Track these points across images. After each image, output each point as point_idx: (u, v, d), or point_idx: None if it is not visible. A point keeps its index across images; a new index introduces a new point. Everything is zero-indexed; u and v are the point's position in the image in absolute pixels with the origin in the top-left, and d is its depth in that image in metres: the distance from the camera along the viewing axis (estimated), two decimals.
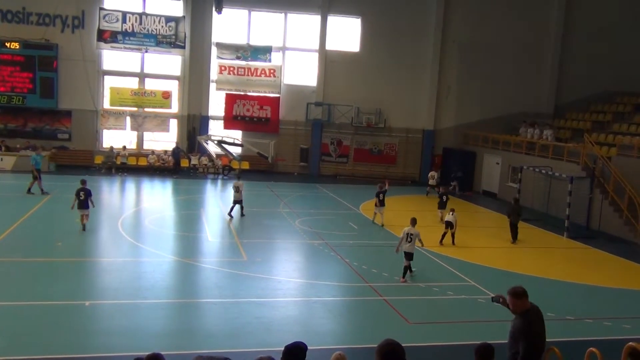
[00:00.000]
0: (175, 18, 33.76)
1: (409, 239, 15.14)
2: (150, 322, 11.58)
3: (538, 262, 18.41)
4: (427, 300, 13.86)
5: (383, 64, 35.66)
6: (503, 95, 36.07)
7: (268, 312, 12.47)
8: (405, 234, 15.21)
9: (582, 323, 12.80)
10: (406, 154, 36.43)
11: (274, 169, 35.21)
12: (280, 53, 35.52)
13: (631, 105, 31.64)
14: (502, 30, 35.65)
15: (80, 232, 18.32)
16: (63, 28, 32.84)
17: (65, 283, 13.50)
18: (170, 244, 18.42)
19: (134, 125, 34.39)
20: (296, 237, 19.95)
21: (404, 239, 15.19)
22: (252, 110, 35.30)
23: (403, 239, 15.24)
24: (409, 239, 15.14)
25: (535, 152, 29.03)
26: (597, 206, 23.94)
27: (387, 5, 35.32)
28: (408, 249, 15.12)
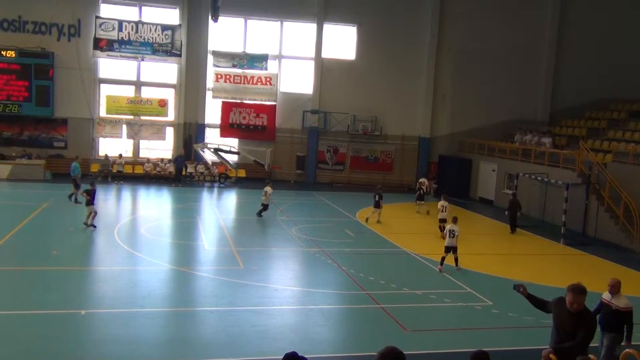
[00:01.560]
0: (172, 26, 33.82)
1: (452, 234, 17.13)
2: (147, 331, 11.53)
3: (534, 269, 18.42)
4: (424, 307, 13.84)
5: (379, 71, 35.79)
6: (498, 102, 36.21)
7: (264, 320, 12.43)
8: (448, 230, 17.31)
9: None
10: (402, 162, 36.49)
11: (270, 177, 35.17)
12: (277, 61, 35.61)
13: (625, 112, 31.80)
14: (497, 38, 35.84)
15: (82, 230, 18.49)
16: (59, 36, 32.87)
17: (61, 292, 13.44)
18: (167, 252, 18.38)
19: (130, 133, 34.37)
20: (293, 244, 19.93)
21: (447, 234, 17.30)
22: (249, 118, 35.34)
23: (446, 234, 17.38)
24: (451, 234, 17.14)
25: (531, 159, 29.11)
26: (593, 213, 24.00)
27: (382, 13, 35.48)
28: (449, 243, 17.07)
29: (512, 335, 12.27)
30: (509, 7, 35.97)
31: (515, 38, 36.08)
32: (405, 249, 19.78)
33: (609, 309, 9.87)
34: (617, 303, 9.78)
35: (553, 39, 36.46)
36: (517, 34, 36.11)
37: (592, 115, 33.43)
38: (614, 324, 9.84)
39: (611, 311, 9.82)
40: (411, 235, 22.69)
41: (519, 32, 36.13)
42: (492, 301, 14.32)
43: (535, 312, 13.53)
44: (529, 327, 12.73)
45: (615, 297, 9.84)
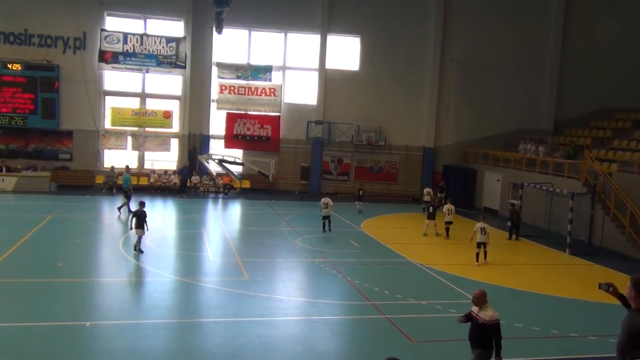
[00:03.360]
0: (176, 39, 34.02)
1: (483, 231, 19.18)
2: (152, 343, 11.51)
3: (540, 279, 18.33)
4: (430, 318, 13.78)
5: (382, 82, 35.87)
6: (502, 112, 36.21)
7: (269, 331, 12.40)
8: (479, 228, 19.23)
9: (586, 340, 12.72)
10: (407, 172, 36.47)
11: (274, 188, 35.23)
12: (281, 72, 35.74)
13: (630, 121, 31.72)
14: (500, 48, 35.92)
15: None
16: (64, 49, 33.09)
17: (66, 304, 13.44)
18: (172, 264, 18.37)
19: (135, 145, 34.48)
20: (297, 255, 19.90)
21: (478, 232, 19.21)
22: (253, 129, 35.42)
23: (477, 231, 19.26)
24: (482, 231, 19.18)
25: (535, 168, 29.04)
26: (599, 222, 23.90)
27: (386, 24, 35.62)
28: (481, 239, 19.22)
29: (518, 346, 12.18)
30: (513, 17, 36.07)
31: (518, 48, 36.14)
32: (410, 259, 19.72)
33: (476, 322, 9.06)
34: (482, 316, 8.96)
35: (557, 49, 36.49)
36: (521, 44, 36.18)
37: (597, 124, 33.35)
38: (481, 338, 8.99)
39: (477, 325, 9.00)
40: (416, 245, 22.63)
41: (523, 43, 36.20)
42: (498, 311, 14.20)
43: (542, 322, 13.55)
44: (535, 338, 12.67)
45: (481, 310, 9.02)
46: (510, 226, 24.53)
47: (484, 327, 8.87)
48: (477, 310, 9.04)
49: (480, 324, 8.89)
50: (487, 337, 8.90)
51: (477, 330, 8.97)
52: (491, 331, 8.88)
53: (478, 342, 9.00)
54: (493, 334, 8.89)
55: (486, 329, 8.88)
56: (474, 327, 9.02)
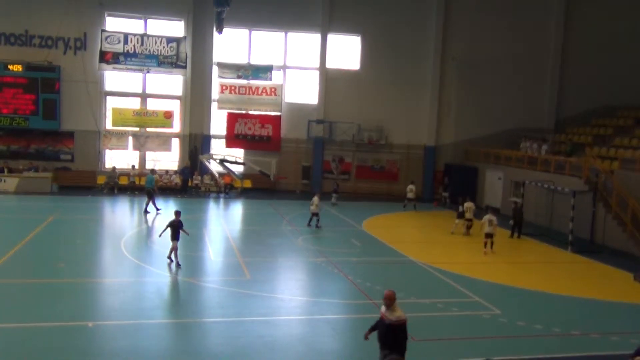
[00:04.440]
0: (177, 39, 34.03)
1: (491, 223, 20.67)
2: (154, 343, 11.51)
3: (542, 277, 18.31)
4: (432, 317, 13.77)
5: (383, 81, 35.87)
6: (503, 110, 36.18)
7: (272, 331, 12.40)
8: (488, 220, 20.69)
9: (588, 338, 12.71)
10: (408, 170, 36.44)
11: (276, 187, 35.23)
12: (281, 71, 35.74)
13: (632, 118, 31.66)
14: (501, 47, 35.89)
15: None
16: (65, 50, 33.12)
17: (68, 304, 13.45)
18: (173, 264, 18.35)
19: (136, 145, 34.50)
20: (299, 254, 19.91)
21: (486, 223, 20.71)
22: (254, 128, 35.42)
23: (485, 223, 20.77)
24: (490, 223, 20.67)
25: (537, 166, 29.02)
26: (601, 220, 23.87)
27: (386, 23, 35.60)
28: (489, 230, 20.68)
29: (521, 344, 12.19)
30: (513, 15, 36.01)
31: (519, 46, 36.10)
32: (411, 257, 19.72)
33: (383, 322, 9.01)
34: (389, 316, 8.92)
35: (558, 47, 36.45)
36: (522, 42, 36.13)
37: (598, 122, 33.31)
38: (389, 339, 8.94)
39: (385, 325, 8.96)
40: (417, 244, 22.63)
41: (524, 41, 36.15)
42: (500, 310, 14.25)
43: (544, 320, 13.55)
44: (537, 336, 12.67)
45: (389, 310, 8.95)
46: (513, 224, 24.51)
47: (391, 327, 8.88)
48: (385, 310, 9.02)
49: (388, 324, 8.90)
50: (395, 337, 8.90)
51: (385, 330, 8.98)
52: (398, 331, 8.90)
53: (386, 342, 8.99)
54: (400, 334, 8.92)
55: (393, 329, 8.87)
56: (383, 327, 9.01)
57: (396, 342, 8.92)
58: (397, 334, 8.90)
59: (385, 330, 8.96)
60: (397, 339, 8.92)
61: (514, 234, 24.42)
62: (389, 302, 8.96)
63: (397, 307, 9.00)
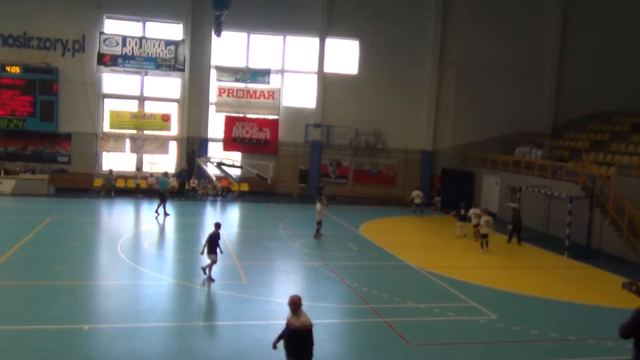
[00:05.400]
0: (175, 42, 34.05)
1: (487, 224, 21.70)
2: (150, 346, 11.49)
3: (539, 282, 18.33)
4: (428, 321, 13.78)
5: (381, 85, 35.93)
6: (501, 115, 36.25)
7: (269, 334, 12.32)
8: (485, 221, 21.82)
9: (585, 344, 12.73)
10: (405, 175, 36.47)
11: (273, 191, 35.22)
12: (279, 75, 35.78)
13: (629, 124, 31.76)
14: (499, 52, 35.97)
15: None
16: (63, 52, 33.11)
17: (64, 307, 13.43)
18: (170, 267, 18.37)
19: (134, 147, 34.47)
20: (296, 258, 19.90)
21: (484, 224, 21.84)
22: (251, 132, 35.44)
23: (483, 224, 21.95)
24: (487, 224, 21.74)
25: (534, 172, 29.06)
26: (597, 226, 23.92)
27: (384, 27, 35.69)
28: (485, 230, 21.91)
29: (517, 350, 12.20)
30: (511, 21, 36.11)
31: (517, 51, 36.21)
32: (408, 262, 19.72)
33: (289, 329, 8.89)
34: (295, 322, 8.81)
35: (555, 52, 36.58)
36: (519, 48, 36.24)
37: (595, 127, 33.39)
38: (295, 346, 8.83)
39: (291, 331, 8.85)
40: (414, 249, 22.63)
41: (521, 46, 36.26)
42: (496, 315, 14.26)
43: (540, 326, 13.56)
44: (534, 342, 12.68)
45: (294, 316, 8.87)
46: (511, 229, 24.50)
47: (297, 333, 8.77)
48: (291, 316, 8.92)
49: (294, 330, 8.78)
50: (301, 344, 8.79)
51: (291, 337, 8.84)
52: (304, 337, 8.78)
53: (293, 349, 8.84)
54: (306, 340, 8.80)
55: (299, 335, 8.76)
56: (289, 334, 8.88)
57: (302, 349, 8.78)
58: (303, 341, 8.76)
59: (291, 336, 8.83)
60: (303, 345, 8.77)
61: (512, 238, 24.43)
62: (295, 308, 8.85)
63: (303, 313, 8.89)
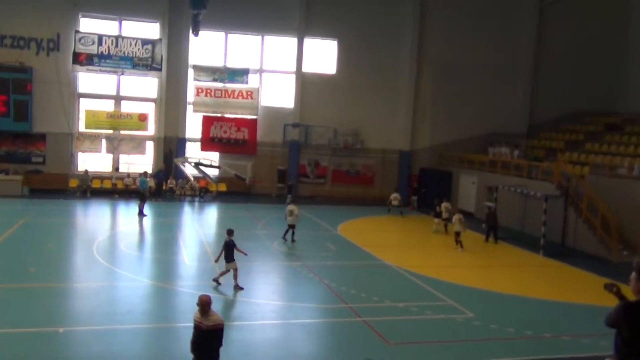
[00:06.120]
0: (152, 41, 33.74)
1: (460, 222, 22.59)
2: (127, 348, 11.37)
3: (514, 281, 18.56)
4: (406, 320, 13.85)
5: (359, 85, 36.03)
6: (478, 115, 36.61)
7: (247, 335, 12.35)
8: (457, 219, 22.64)
9: (559, 340, 12.90)
10: (383, 175, 36.63)
11: (251, 191, 35.11)
12: (257, 75, 35.67)
13: (602, 124, 32.33)
14: (475, 53, 36.31)
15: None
16: (38, 51, 32.59)
17: (39, 309, 13.22)
18: (147, 268, 18.21)
19: (110, 148, 34.08)
20: (274, 259, 19.87)
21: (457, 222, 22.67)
22: (229, 132, 35.27)
23: (456, 222, 22.73)
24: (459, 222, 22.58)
25: (510, 171, 29.38)
26: (572, 224, 24.25)
27: (363, 28, 35.79)
28: (458, 228, 22.58)
29: (494, 347, 12.33)
30: (487, 22, 36.47)
31: (493, 52, 36.59)
32: (386, 261, 19.81)
33: (200, 329, 8.70)
34: (206, 322, 8.64)
35: (530, 54, 37.02)
36: (496, 49, 36.62)
37: (570, 128, 33.91)
38: (206, 347, 8.66)
39: (202, 332, 8.66)
40: (392, 248, 22.74)
41: (497, 47, 36.65)
42: (473, 313, 14.39)
43: (516, 323, 13.72)
44: (510, 339, 12.82)
45: (205, 316, 8.70)
46: (487, 229, 24.79)
47: (208, 333, 8.63)
48: (200, 317, 8.76)
49: (205, 330, 8.63)
50: (210, 344, 8.66)
51: (201, 338, 8.69)
52: (214, 337, 8.67)
53: (203, 350, 8.71)
54: (215, 340, 8.68)
55: (210, 335, 8.64)
56: (198, 335, 8.73)
57: (211, 349, 8.68)
58: (212, 340, 8.66)
59: (200, 337, 8.69)
60: (212, 345, 8.67)
61: (489, 238, 24.69)
62: (205, 308, 8.73)
63: (214, 312, 8.82)
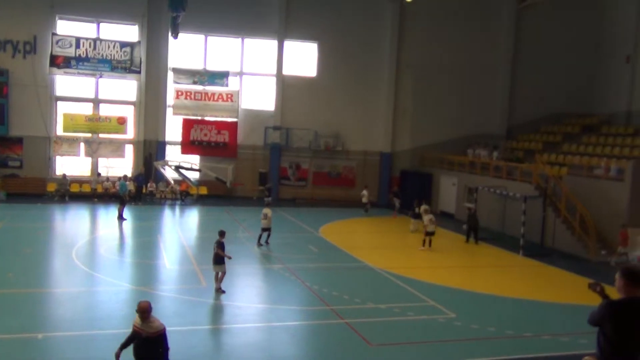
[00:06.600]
0: (131, 43, 33.45)
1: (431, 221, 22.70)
2: (107, 354, 11.18)
3: (495, 281, 18.72)
4: (388, 321, 13.89)
5: (340, 88, 36.10)
6: (457, 117, 36.89)
7: (229, 339, 12.28)
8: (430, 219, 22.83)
9: (539, 340, 13.03)
10: (364, 177, 36.72)
11: (232, 194, 34.97)
12: (238, 78, 35.56)
13: (579, 126, 32.80)
14: (454, 55, 36.58)
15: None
16: (14, 53, 32.13)
17: (17, 315, 13.02)
18: (127, 272, 18.03)
19: (88, 151, 33.70)
20: (256, 261, 19.82)
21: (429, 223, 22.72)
22: (210, 135, 35.09)
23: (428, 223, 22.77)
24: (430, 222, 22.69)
25: (489, 172, 29.65)
26: (551, 224, 24.55)
27: (343, 30, 35.87)
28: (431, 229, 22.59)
29: (475, 347, 12.41)
30: (466, 25, 36.76)
31: (472, 55, 36.89)
32: (368, 263, 19.85)
33: (140, 336, 8.44)
34: (146, 329, 8.37)
35: (508, 56, 37.38)
36: (475, 51, 36.93)
37: (547, 129, 34.35)
38: (147, 353, 8.37)
39: (142, 339, 8.38)
40: (374, 250, 22.79)
41: (476, 50, 36.97)
42: (455, 313, 14.48)
43: (497, 323, 13.84)
44: (491, 338, 12.92)
45: (144, 323, 8.43)
46: (468, 229, 24.98)
47: (149, 340, 8.32)
48: (139, 323, 8.49)
49: (145, 337, 8.32)
50: (151, 350, 8.35)
51: (142, 344, 8.38)
52: (157, 344, 8.36)
53: (142, 357, 8.43)
54: (157, 346, 8.37)
55: (152, 342, 8.33)
56: (139, 341, 8.43)
57: (154, 356, 8.39)
58: (154, 347, 8.35)
59: (141, 344, 8.40)
60: (154, 352, 8.36)
61: (469, 238, 24.87)
62: (145, 315, 8.43)
63: (154, 319, 8.51)
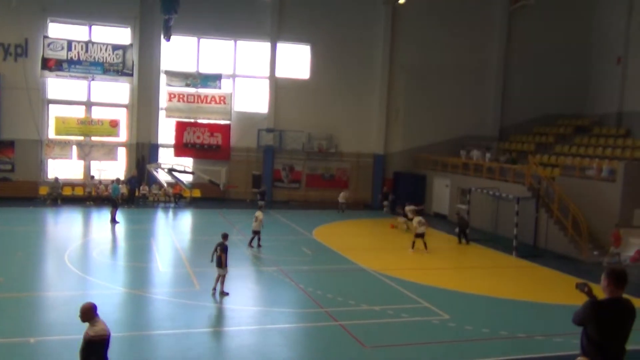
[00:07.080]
0: (123, 46, 33.35)
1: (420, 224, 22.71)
2: None
3: (488, 282, 18.76)
4: (382, 323, 13.90)
5: (333, 90, 36.12)
6: (450, 119, 36.97)
7: (223, 342, 12.25)
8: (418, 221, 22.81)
9: (533, 340, 13.07)
10: (358, 179, 36.76)
11: (225, 196, 34.90)
12: (231, 80, 35.52)
13: (571, 127, 32.96)
14: (447, 56, 36.66)
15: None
16: (5, 56, 31.97)
17: (9, 319, 12.95)
18: (120, 276, 17.95)
19: (81, 154, 33.55)
20: (249, 264, 19.78)
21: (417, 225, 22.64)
22: (203, 137, 35.02)
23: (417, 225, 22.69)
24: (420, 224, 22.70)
25: (482, 174, 29.73)
26: (543, 225, 24.64)
27: (335, 32, 35.90)
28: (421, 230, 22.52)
29: (469, 348, 12.43)
30: (459, 27, 36.86)
31: (465, 56, 36.99)
32: (362, 265, 19.86)
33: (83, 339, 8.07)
34: (88, 331, 8.01)
35: (501, 58, 37.50)
36: (467, 53, 37.03)
37: (540, 130, 34.50)
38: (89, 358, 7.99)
39: (84, 341, 8.00)
40: (368, 252, 22.79)
41: (469, 51, 37.07)
42: (448, 315, 14.50)
43: (491, 324, 13.87)
44: (485, 339, 12.94)
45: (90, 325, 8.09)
46: (458, 231, 25.07)
47: (90, 343, 7.94)
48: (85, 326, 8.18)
49: (87, 340, 7.96)
50: (96, 354, 7.94)
51: (84, 347, 8.00)
52: (98, 348, 7.95)
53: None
54: (96, 352, 7.94)
55: (93, 345, 7.94)
56: (82, 344, 8.06)
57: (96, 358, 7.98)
58: (93, 352, 7.95)
59: (83, 346, 8.01)
60: (99, 357, 7.97)
61: (461, 240, 24.95)
62: (86, 317, 8.10)
63: (99, 321, 8.10)
